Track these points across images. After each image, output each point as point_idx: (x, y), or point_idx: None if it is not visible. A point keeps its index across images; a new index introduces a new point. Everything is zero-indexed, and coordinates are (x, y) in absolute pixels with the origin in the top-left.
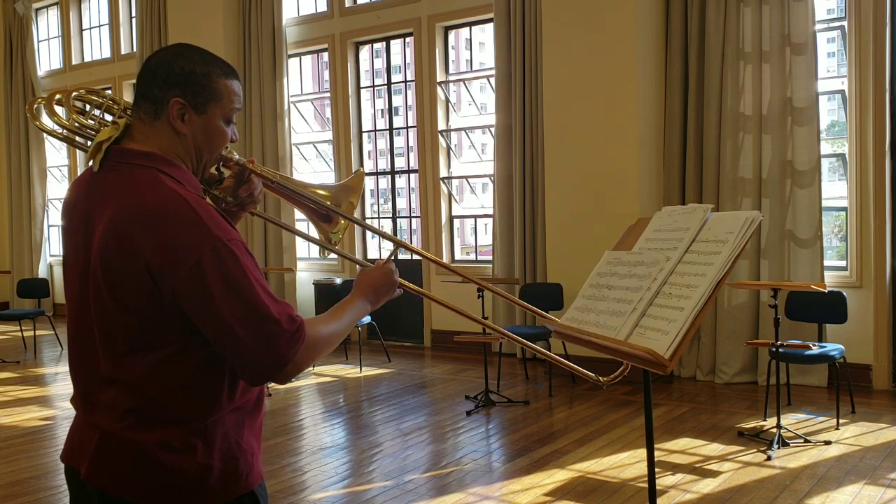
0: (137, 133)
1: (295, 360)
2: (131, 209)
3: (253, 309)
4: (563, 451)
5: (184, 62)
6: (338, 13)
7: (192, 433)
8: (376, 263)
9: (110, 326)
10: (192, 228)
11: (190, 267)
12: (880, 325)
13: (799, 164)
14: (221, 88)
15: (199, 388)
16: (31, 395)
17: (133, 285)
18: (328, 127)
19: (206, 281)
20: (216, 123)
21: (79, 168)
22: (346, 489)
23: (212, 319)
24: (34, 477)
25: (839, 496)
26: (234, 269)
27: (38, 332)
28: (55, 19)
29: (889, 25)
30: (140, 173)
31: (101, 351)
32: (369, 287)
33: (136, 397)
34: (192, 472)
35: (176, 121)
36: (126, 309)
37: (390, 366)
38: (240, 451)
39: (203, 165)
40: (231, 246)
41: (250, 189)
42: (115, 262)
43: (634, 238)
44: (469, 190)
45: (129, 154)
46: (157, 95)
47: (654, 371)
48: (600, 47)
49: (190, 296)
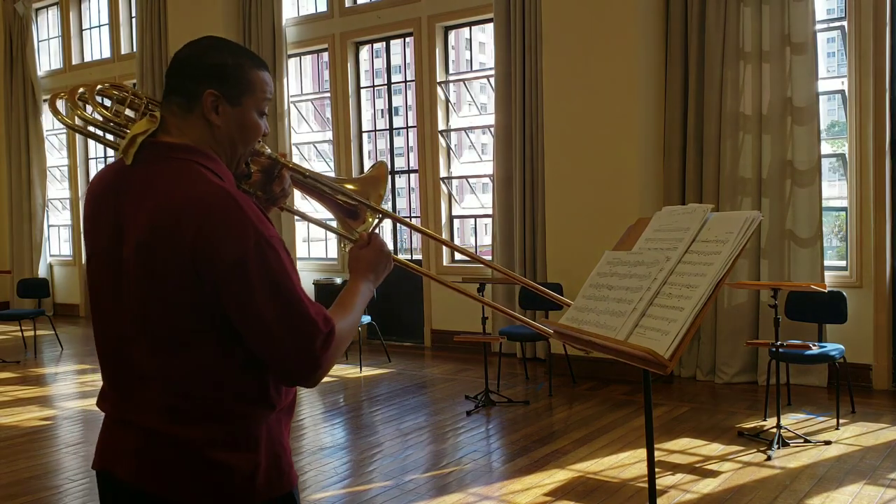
0: (171, 127)
1: (325, 363)
2: (176, 201)
3: (293, 309)
4: (563, 451)
5: (215, 54)
6: (338, 13)
7: (239, 429)
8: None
9: (152, 321)
10: (237, 222)
11: (234, 261)
12: (880, 325)
13: (799, 164)
14: (254, 80)
15: (244, 384)
16: (31, 395)
17: (177, 278)
18: (328, 127)
19: (249, 277)
20: (250, 115)
21: (79, 168)
22: (346, 489)
23: (250, 317)
24: (34, 477)
25: (839, 496)
26: (275, 267)
27: (38, 332)
28: (55, 19)
29: (889, 25)
30: (180, 166)
31: (141, 346)
32: (367, 267)
33: (180, 393)
34: (241, 469)
35: (210, 113)
36: (170, 303)
37: (390, 366)
38: (282, 449)
39: (238, 159)
40: (272, 242)
41: (282, 184)
42: (158, 254)
43: (634, 238)
44: (469, 190)
45: (166, 147)
46: (189, 88)
47: (654, 371)
48: (600, 47)
49: (230, 290)
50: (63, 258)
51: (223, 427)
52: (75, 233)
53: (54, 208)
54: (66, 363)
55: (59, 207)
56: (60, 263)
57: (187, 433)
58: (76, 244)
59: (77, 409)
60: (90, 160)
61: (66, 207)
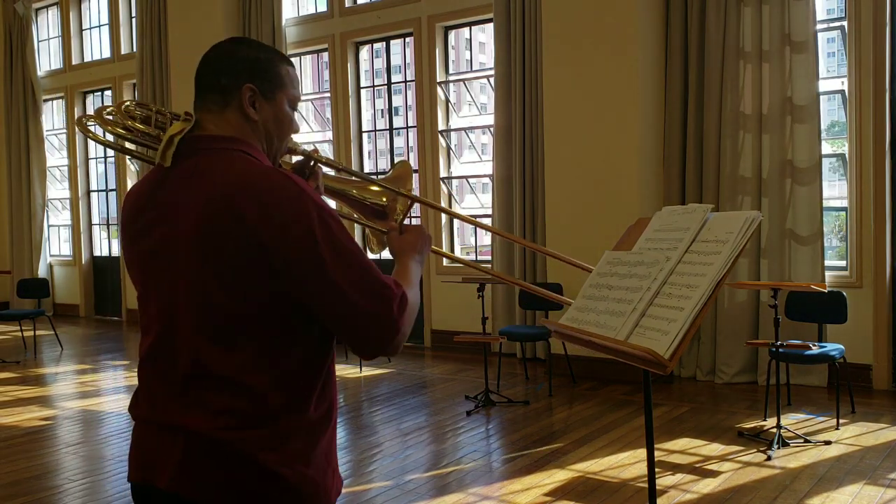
0: (208, 123)
1: (403, 328)
2: (233, 184)
3: (366, 274)
4: (563, 451)
5: (247, 49)
6: (338, 13)
7: (289, 435)
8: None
9: (209, 314)
10: (296, 198)
11: (301, 235)
12: (880, 325)
13: (799, 163)
14: (285, 74)
15: (296, 386)
16: (31, 395)
17: (243, 260)
18: (328, 127)
19: (319, 248)
20: (285, 109)
21: (79, 168)
22: (346, 489)
23: (326, 288)
24: (34, 477)
25: (839, 496)
26: (341, 236)
27: (38, 332)
28: (55, 19)
29: (889, 25)
30: (227, 154)
31: (191, 344)
32: (412, 247)
33: (230, 394)
34: (289, 480)
35: (248, 108)
36: (233, 291)
37: (390, 366)
38: (327, 459)
39: (275, 153)
40: (333, 213)
41: (316, 181)
42: (220, 239)
43: (634, 238)
44: (469, 190)
45: (208, 139)
46: (224, 84)
47: (654, 371)
48: (600, 47)
49: (303, 266)
50: (63, 258)
51: (273, 432)
52: (75, 233)
53: (54, 208)
54: (65, 363)
55: (59, 207)
56: (60, 263)
57: (238, 437)
58: (76, 244)
59: (77, 409)
60: (90, 160)
61: (66, 207)
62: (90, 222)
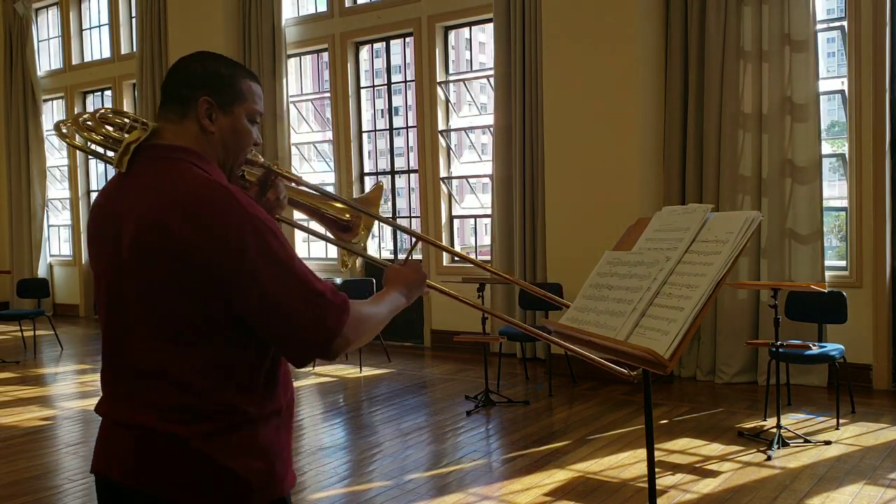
0: (166, 132)
1: (343, 334)
2: (168, 198)
3: (298, 282)
4: (563, 451)
5: (210, 63)
6: (338, 13)
7: (237, 429)
8: (405, 262)
9: (153, 318)
10: (231, 212)
11: (234, 248)
12: (880, 325)
13: (799, 163)
14: (246, 89)
15: (245, 384)
16: (31, 395)
17: (178, 272)
18: (328, 127)
19: (252, 259)
20: (242, 123)
21: (79, 169)
22: (346, 489)
23: (258, 296)
24: (34, 477)
25: (839, 496)
26: (275, 246)
27: (38, 332)
28: (55, 19)
29: (889, 25)
30: (172, 164)
31: (141, 345)
32: (402, 283)
33: (179, 391)
34: (237, 469)
35: (204, 119)
36: (173, 298)
37: (390, 366)
38: (279, 453)
39: (230, 165)
40: (269, 225)
41: (276, 193)
42: (157, 251)
43: (634, 238)
44: (469, 190)
45: (160, 148)
46: (184, 95)
47: (654, 371)
48: (600, 47)
49: (235, 277)
50: (63, 258)
51: (222, 427)
52: (75, 233)
53: (54, 208)
54: (65, 363)
55: (59, 207)
56: (60, 263)
57: (186, 431)
58: (76, 244)
59: (77, 409)
60: (90, 160)
61: (66, 207)
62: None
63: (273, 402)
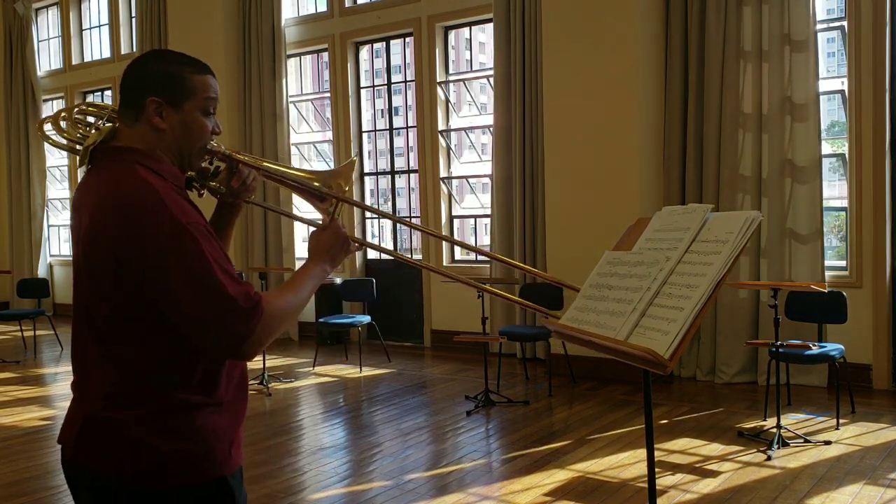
0: (122, 135)
1: (255, 336)
2: (102, 201)
3: (207, 287)
4: (563, 451)
5: (157, 64)
6: (338, 13)
7: (166, 414)
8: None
9: (93, 313)
10: (154, 214)
11: (151, 250)
12: (880, 325)
13: (799, 162)
14: (195, 83)
15: (178, 371)
16: (31, 395)
17: (105, 273)
18: (328, 127)
19: (166, 262)
20: (194, 117)
21: (79, 169)
22: (346, 489)
23: (170, 299)
24: (34, 477)
25: (839, 496)
26: (192, 250)
27: (38, 332)
28: (55, 19)
29: (889, 25)
30: (118, 167)
31: (85, 338)
32: (323, 250)
33: (114, 379)
34: (165, 450)
35: (154, 118)
36: (102, 296)
37: (390, 366)
38: (214, 436)
39: (187, 158)
40: (190, 228)
41: (241, 178)
42: (91, 253)
43: (634, 238)
44: (469, 190)
45: (112, 150)
46: (135, 98)
47: (654, 371)
48: (600, 47)
49: (152, 279)
50: (63, 258)
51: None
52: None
53: (54, 208)
54: (65, 363)
55: (59, 207)
56: (60, 263)
57: (117, 414)
58: None
59: None
60: None
61: (65, 207)
62: None
63: (213, 390)
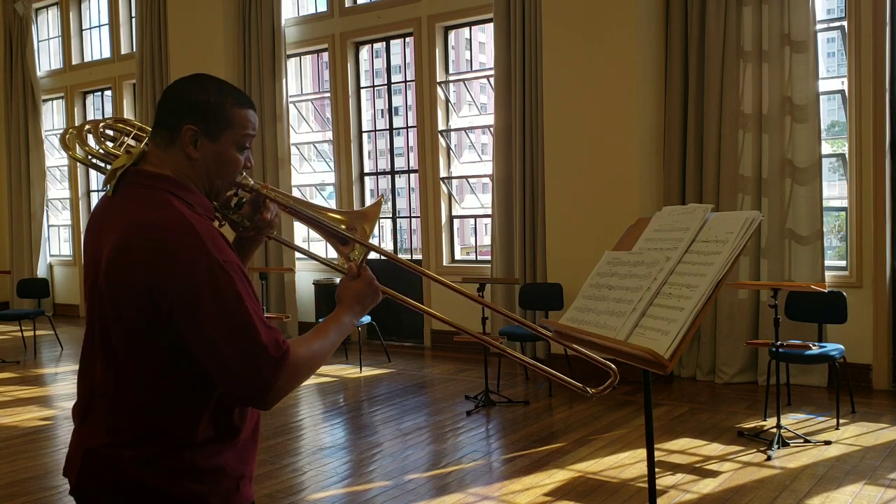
0: (153, 157)
1: (277, 387)
2: (134, 229)
3: (242, 331)
4: (563, 451)
5: (199, 91)
6: (338, 13)
7: (170, 453)
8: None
9: (110, 343)
10: (190, 248)
11: (185, 287)
12: (880, 325)
13: (799, 162)
14: (234, 117)
15: (190, 408)
16: (31, 395)
17: (133, 302)
18: (328, 127)
19: (200, 299)
20: (228, 151)
21: (79, 168)
22: (346, 489)
23: (202, 337)
24: (34, 477)
25: (839, 496)
26: (227, 290)
27: (38, 332)
28: (55, 19)
29: (889, 25)
30: (149, 193)
31: (99, 367)
32: (354, 299)
33: (120, 414)
34: (169, 491)
35: (188, 147)
36: (123, 322)
37: (390, 366)
38: (223, 473)
39: (216, 191)
40: (227, 267)
41: (267, 214)
42: (117, 279)
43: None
44: (469, 190)
45: (142, 175)
46: (172, 122)
47: (653, 371)
48: (600, 47)
49: (183, 313)
50: (63, 258)
51: (159, 449)
52: (75, 233)
53: (54, 208)
54: (65, 363)
55: (59, 207)
56: (60, 263)
57: (121, 453)
58: (76, 244)
59: None
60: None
61: (66, 207)
62: None
63: (225, 428)
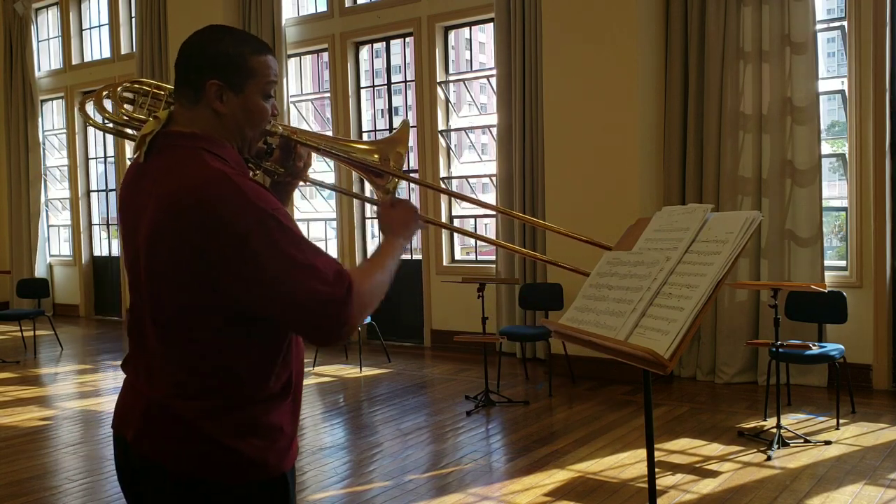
0: (180, 118)
1: (351, 319)
2: (177, 189)
3: (306, 271)
4: (563, 451)
5: (216, 44)
6: (338, 13)
7: (235, 408)
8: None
9: (161, 303)
10: (235, 203)
11: (238, 241)
12: (880, 325)
13: (799, 164)
14: (255, 66)
15: (247, 363)
16: (31, 395)
17: (180, 264)
18: (328, 127)
19: (256, 252)
20: (255, 100)
21: (79, 168)
22: (346, 489)
23: (265, 288)
24: (34, 477)
25: (839, 496)
26: (279, 237)
27: (38, 332)
28: (55, 19)
29: (889, 25)
30: (185, 153)
31: (152, 328)
32: (400, 225)
33: (182, 369)
34: (231, 445)
35: (215, 102)
36: (176, 287)
37: (390, 366)
38: (280, 431)
39: (248, 142)
40: (276, 214)
41: (301, 158)
42: (164, 241)
43: (634, 238)
44: (469, 190)
45: (174, 136)
46: (194, 80)
47: (653, 371)
48: (600, 47)
49: (237, 266)
50: (63, 258)
51: (221, 402)
52: (75, 233)
53: (54, 208)
54: (65, 363)
55: (59, 207)
56: (60, 263)
57: (185, 405)
58: (76, 244)
59: (77, 410)
60: (90, 160)
61: (65, 207)
62: (90, 222)
63: (279, 382)
